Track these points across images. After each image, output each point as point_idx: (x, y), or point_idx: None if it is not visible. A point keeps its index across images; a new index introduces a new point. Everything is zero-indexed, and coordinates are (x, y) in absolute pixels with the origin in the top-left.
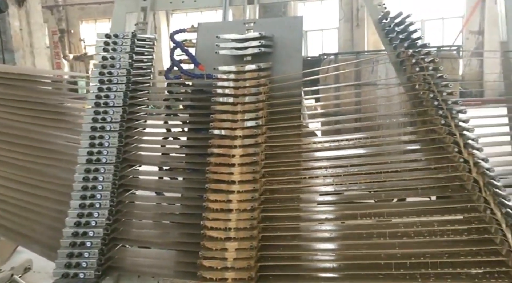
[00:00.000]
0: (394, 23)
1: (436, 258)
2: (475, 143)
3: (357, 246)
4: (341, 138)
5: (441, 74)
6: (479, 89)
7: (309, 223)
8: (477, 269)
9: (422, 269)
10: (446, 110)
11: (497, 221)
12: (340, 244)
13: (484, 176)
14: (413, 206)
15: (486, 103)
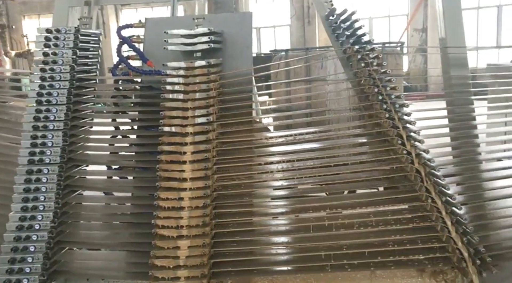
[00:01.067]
0: (340, 20)
1: (384, 246)
2: (417, 136)
3: (309, 239)
4: (293, 133)
5: (385, 69)
6: (423, 84)
7: (262, 218)
8: (420, 256)
9: (372, 258)
10: (390, 104)
11: (437, 209)
12: (293, 237)
13: (425, 166)
14: (361, 197)
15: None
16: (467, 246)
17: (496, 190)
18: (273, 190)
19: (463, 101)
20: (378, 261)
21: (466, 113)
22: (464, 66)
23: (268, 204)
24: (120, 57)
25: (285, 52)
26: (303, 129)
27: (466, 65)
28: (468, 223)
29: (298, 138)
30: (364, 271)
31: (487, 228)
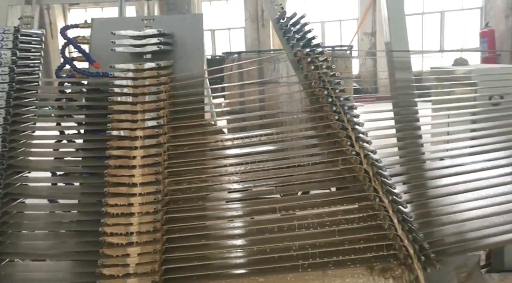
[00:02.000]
0: (290, 23)
1: (335, 246)
2: (365, 137)
3: (264, 241)
4: (246, 135)
5: (334, 72)
6: (373, 86)
7: (216, 222)
8: (369, 254)
9: (325, 257)
10: (339, 107)
11: (385, 208)
12: (247, 239)
13: (373, 167)
14: (314, 198)
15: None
16: (412, 243)
17: (439, 188)
18: (227, 193)
19: (408, 103)
20: (330, 260)
21: (410, 115)
22: (408, 70)
23: (222, 207)
24: (64, 58)
25: (238, 54)
26: (257, 131)
27: (410, 69)
28: (414, 221)
29: (252, 140)
30: (316, 271)
31: (431, 225)
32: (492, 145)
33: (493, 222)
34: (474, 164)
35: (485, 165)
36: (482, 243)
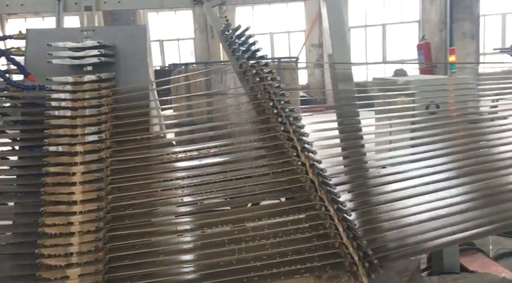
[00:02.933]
0: (235, 35)
1: (283, 257)
2: (310, 147)
3: (214, 255)
4: (195, 147)
5: (279, 84)
6: (322, 96)
7: (163, 237)
8: (316, 263)
9: (274, 269)
10: (285, 118)
11: (330, 217)
12: (196, 254)
13: (318, 176)
14: (261, 210)
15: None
16: (357, 250)
17: (382, 195)
18: (176, 207)
19: (351, 113)
20: (279, 271)
21: (353, 124)
22: (350, 81)
23: (170, 222)
24: None
25: (184, 66)
26: (206, 143)
27: (351, 80)
28: (358, 228)
29: (201, 152)
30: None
31: (375, 231)
32: (430, 153)
33: (432, 226)
34: (414, 171)
35: (424, 171)
36: (422, 247)
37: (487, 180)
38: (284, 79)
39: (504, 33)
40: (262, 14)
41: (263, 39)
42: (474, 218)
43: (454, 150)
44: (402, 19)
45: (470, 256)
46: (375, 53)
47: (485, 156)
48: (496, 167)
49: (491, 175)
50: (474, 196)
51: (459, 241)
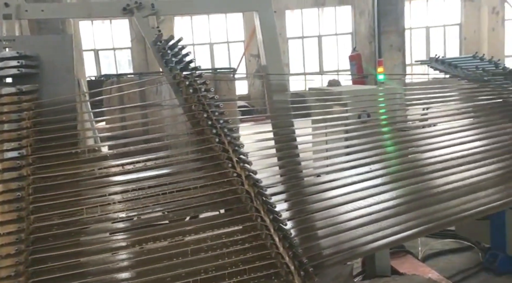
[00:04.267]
0: (167, 46)
1: (221, 270)
2: (246, 158)
3: (149, 272)
4: (128, 161)
5: (213, 95)
6: (263, 107)
7: (92, 258)
8: (253, 274)
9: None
10: (219, 129)
11: (267, 227)
12: (131, 272)
13: (254, 187)
14: (198, 223)
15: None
16: (293, 259)
17: (317, 203)
18: (110, 223)
19: (286, 123)
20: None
21: (288, 134)
22: (284, 91)
23: (102, 240)
24: None
25: (117, 77)
26: (141, 157)
27: (286, 90)
28: (294, 237)
29: (137, 166)
30: None
31: (311, 239)
32: (363, 160)
33: (365, 231)
34: (348, 178)
35: (357, 178)
36: (355, 252)
37: (416, 184)
38: (221, 90)
39: (429, 45)
40: (202, 25)
41: (203, 50)
42: (404, 221)
43: (385, 157)
44: (337, 31)
45: (400, 258)
46: (312, 64)
47: (414, 161)
48: (424, 172)
49: (420, 179)
50: (404, 200)
51: (390, 244)
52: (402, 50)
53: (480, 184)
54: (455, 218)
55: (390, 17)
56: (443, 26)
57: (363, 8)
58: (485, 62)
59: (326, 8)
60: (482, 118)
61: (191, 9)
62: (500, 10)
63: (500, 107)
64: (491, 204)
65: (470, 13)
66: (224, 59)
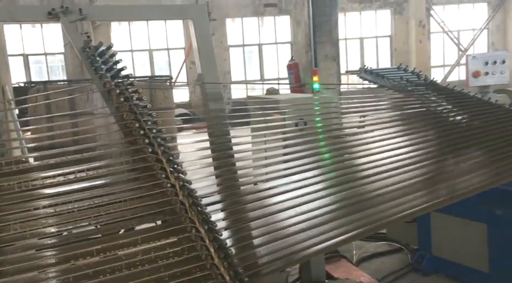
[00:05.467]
0: (97, 53)
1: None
2: (180, 168)
3: None
4: (59, 172)
5: (146, 104)
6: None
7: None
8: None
9: None
10: (153, 139)
11: (202, 238)
12: None
13: (189, 198)
14: (132, 236)
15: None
16: (228, 270)
17: (254, 211)
18: (38, 239)
19: (222, 132)
20: None
21: (224, 143)
22: (220, 100)
23: (26, 257)
24: None
25: (43, 84)
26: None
27: (221, 99)
28: (230, 247)
29: (68, 177)
30: None
31: (246, 248)
32: (300, 167)
33: (301, 238)
34: (286, 185)
35: (294, 185)
36: (292, 259)
37: (350, 189)
38: (157, 98)
39: (363, 55)
40: (141, 31)
41: (142, 56)
42: (338, 226)
43: (321, 163)
44: (277, 40)
45: (335, 263)
46: (254, 71)
47: (348, 167)
48: (357, 177)
49: (353, 185)
50: (339, 205)
51: (324, 250)
52: (337, 60)
53: (408, 189)
54: (385, 222)
55: (324, 28)
56: (375, 38)
57: (300, 18)
58: (408, 73)
59: (266, 17)
60: (409, 126)
61: (123, 15)
62: (426, 24)
63: (423, 115)
64: (417, 207)
65: (399, 26)
66: (164, 66)
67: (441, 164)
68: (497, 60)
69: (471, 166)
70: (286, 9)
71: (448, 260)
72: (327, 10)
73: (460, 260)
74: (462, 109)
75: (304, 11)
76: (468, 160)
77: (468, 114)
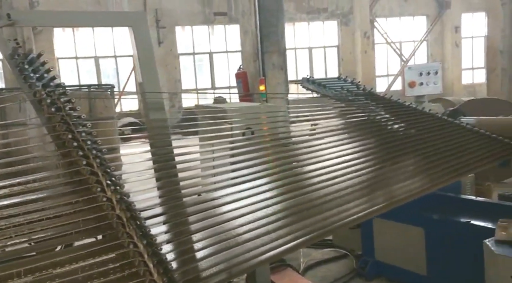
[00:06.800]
0: (26, 61)
1: None
2: (118, 181)
3: None
4: None
5: (79, 114)
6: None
7: None
8: None
9: None
10: (87, 151)
11: (140, 253)
12: None
13: (126, 212)
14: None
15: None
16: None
17: (198, 223)
18: None
19: (164, 142)
20: None
21: (167, 154)
22: (161, 110)
23: None
24: None
25: None
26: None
27: (162, 109)
28: (170, 261)
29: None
30: None
31: (188, 262)
32: (248, 176)
33: (247, 248)
34: (232, 195)
35: (241, 195)
36: (233, 271)
37: (295, 197)
38: (96, 107)
39: (312, 65)
40: (86, 37)
41: (88, 64)
42: (285, 234)
43: (266, 173)
44: (227, 49)
45: (280, 272)
46: (205, 80)
47: (294, 175)
48: (303, 185)
49: (299, 193)
50: (285, 214)
51: (269, 259)
52: (284, 69)
53: (350, 196)
54: (328, 229)
55: (272, 38)
56: (323, 47)
57: (247, 28)
58: (348, 83)
59: (216, 26)
60: (351, 134)
61: (56, 21)
62: (370, 35)
63: (364, 124)
64: (358, 214)
65: (345, 37)
66: (112, 74)
67: (381, 171)
68: (431, 71)
69: (408, 173)
70: (236, 18)
71: (390, 265)
72: (274, 20)
73: (401, 264)
74: (399, 118)
75: (251, 21)
76: (405, 167)
77: (404, 123)
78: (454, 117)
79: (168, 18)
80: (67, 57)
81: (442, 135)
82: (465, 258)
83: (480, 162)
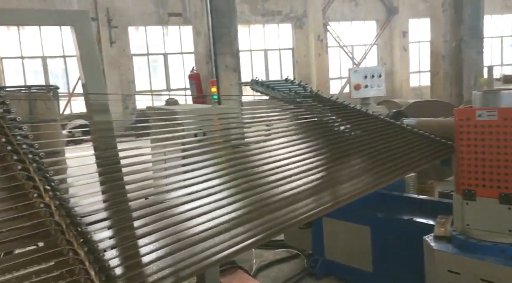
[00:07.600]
0: None
1: None
2: (58, 186)
3: None
4: None
5: (14, 116)
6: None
7: None
8: None
9: None
10: (23, 155)
11: (81, 261)
12: None
13: (66, 218)
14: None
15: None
16: None
17: (146, 226)
18: None
19: (108, 145)
20: None
21: (111, 157)
22: (106, 112)
23: None
24: None
25: None
26: None
27: (107, 111)
28: (114, 267)
29: None
30: None
31: (133, 267)
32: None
33: (196, 250)
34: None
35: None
36: (180, 275)
37: (248, 198)
38: (37, 109)
39: (267, 66)
40: (33, 36)
41: (35, 63)
42: (234, 236)
43: (219, 174)
44: (182, 50)
45: (231, 275)
46: (160, 81)
47: (248, 176)
48: (255, 185)
49: (251, 193)
50: (235, 215)
51: (221, 260)
52: (238, 71)
53: (300, 195)
54: (279, 228)
55: (224, 39)
56: (278, 50)
57: (200, 29)
58: (296, 85)
59: (171, 26)
60: (300, 135)
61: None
62: (324, 38)
63: (313, 125)
64: (306, 213)
65: (300, 39)
66: (61, 74)
67: (328, 171)
68: (374, 74)
69: (354, 173)
70: (190, 19)
71: (339, 263)
72: (227, 22)
73: (348, 262)
74: (345, 120)
75: (204, 22)
76: (351, 167)
77: (350, 124)
78: (397, 119)
79: (120, 17)
80: (12, 56)
81: (385, 136)
82: (408, 254)
83: (419, 162)
